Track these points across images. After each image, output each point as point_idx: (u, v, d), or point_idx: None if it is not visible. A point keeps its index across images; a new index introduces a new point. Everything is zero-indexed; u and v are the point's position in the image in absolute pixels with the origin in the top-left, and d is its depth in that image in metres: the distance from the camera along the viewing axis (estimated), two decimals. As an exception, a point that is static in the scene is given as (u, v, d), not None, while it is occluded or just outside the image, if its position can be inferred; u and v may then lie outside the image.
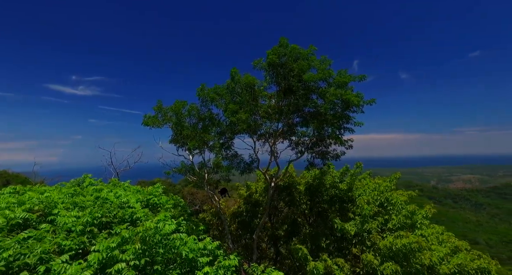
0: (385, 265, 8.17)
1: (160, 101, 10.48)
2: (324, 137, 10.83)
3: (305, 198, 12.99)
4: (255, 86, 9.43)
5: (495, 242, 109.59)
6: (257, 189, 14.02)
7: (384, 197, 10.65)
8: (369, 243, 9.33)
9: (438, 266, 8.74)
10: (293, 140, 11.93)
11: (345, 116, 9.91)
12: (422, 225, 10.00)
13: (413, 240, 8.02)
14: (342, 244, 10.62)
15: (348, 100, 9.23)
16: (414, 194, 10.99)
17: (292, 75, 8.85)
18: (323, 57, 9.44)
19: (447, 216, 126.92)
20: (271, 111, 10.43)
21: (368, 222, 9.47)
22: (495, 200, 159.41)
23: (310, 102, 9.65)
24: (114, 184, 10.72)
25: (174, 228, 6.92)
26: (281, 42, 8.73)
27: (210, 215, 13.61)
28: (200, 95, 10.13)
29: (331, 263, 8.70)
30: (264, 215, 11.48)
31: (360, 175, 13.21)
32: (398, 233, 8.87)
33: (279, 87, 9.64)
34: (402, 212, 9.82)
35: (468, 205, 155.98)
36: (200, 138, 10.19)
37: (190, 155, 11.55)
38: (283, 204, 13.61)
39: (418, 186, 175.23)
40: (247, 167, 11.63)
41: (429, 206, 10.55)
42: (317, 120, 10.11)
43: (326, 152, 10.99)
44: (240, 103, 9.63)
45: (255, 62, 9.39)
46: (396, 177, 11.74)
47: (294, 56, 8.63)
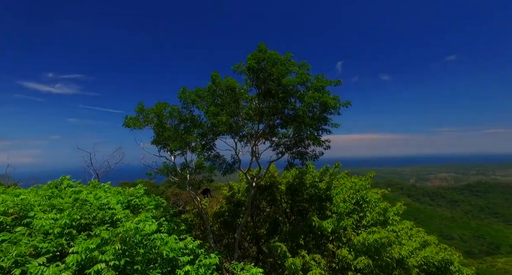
0: (358, 259, 8.65)
1: (141, 103, 10.53)
2: (303, 138, 11.24)
3: (286, 197, 13.38)
4: (236, 89, 9.68)
5: (468, 237, 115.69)
6: (239, 189, 14.26)
7: (359, 195, 11.18)
8: (344, 239, 9.80)
9: (407, 259, 9.35)
10: (274, 141, 12.27)
11: (323, 118, 10.35)
12: (393, 221, 10.59)
13: (384, 235, 8.55)
14: (320, 241, 11.08)
15: (326, 102, 9.68)
16: (387, 192, 11.61)
17: (271, 79, 9.19)
18: (302, 62, 9.84)
19: (425, 213, 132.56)
20: (252, 113, 10.70)
21: (344, 219, 9.94)
22: (468, 197, 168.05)
23: (289, 105, 10.01)
24: (94, 186, 10.61)
25: (155, 228, 7.04)
26: (260, 47, 9.05)
27: (192, 215, 13.70)
28: (181, 98, 10.27)
29: (309, 259, 9.10)
30: (246, 214, 11.75)
31: (338, 174, 13.75)
32: (371, 229, 9.40)
33: (259, 90, 9.96)
34: (376, 209, 10.38)
35: (444, 202, 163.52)
36: (182, 139, 10.30)
37: (172, 156, 11.62)
38: (265, 203, 13.93)
39: (398, 185, 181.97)
40: (229, 167, 11.84)
41: (399, 203, 11.20)
42: (296, 122, 10.50)
43: (304, 153, 11.40)
44: (221, 105, 9.85)
45: (235, 66, 9.66)
46: (371, 175, 12.34)
47: (272, 62, 8.97)
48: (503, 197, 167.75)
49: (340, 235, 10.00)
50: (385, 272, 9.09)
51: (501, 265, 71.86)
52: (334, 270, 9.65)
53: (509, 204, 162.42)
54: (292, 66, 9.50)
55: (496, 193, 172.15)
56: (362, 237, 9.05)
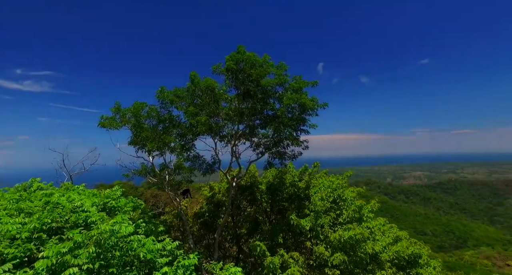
0: (334, 255, 8.96)
1: (118, 103, 10.24)
2: (282, 138, 11.45)
3: (267, 196, 13.53)
4: (215, 89, 9.70)
5: (439, 232, 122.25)
6: (220, 189, 14.24)
7: (336, 194, 11.55)
8: (322, 236, 10.10)
9: (380, 254, 9.81)
10: (254, 141, 12.39)
11: (301, 119, 10.62)
12: (368, 218, 11.05)
13: (358, 231, 8.92)
14: (299, 239, 11.32)
15: (304, 104, 9.94)
16: (363, 190, 12.07)
17: (250, 80, 9.31)
18: (280, 63, 10.04)
19: (400, 210, 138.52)
20: (232, 114, 10.76)
21: (321, 217, 10.24)
22: (440, 194, 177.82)
23: (268, 105, 10.18)
24: (67, 188, 10.19)
25: (131, 230, 6.90)
26: (238, 49, 9.14)
27: (172, 217, 13.51)
28: (159, 97, 10.13)
29: (287, 257, 9.30)
30: (226, 214, 11.77)
31: (317, 173, 14.10)
32: (347, 226, 9.76)
33: (238, 91, 10.04)
34: (351, 207, 10.79)
35: (418, 199, 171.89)
36: (160, 140, 10.15)
37: (150, 156, 11.41)
38: (245, 203, 14.01)
39: (376, 183, 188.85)
40: (209, 167, 11.81)
41: (374, 201, 11.69)
42: (275, 122, 10.69)
43: (284, 153, 11.61)
44: (201, 105, 9.84)
45: (214, 67, 9.68)
46: (347, 175, 12.78)
47: (250, 63, 9.09)
48: (470, 194, 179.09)
49: (317, 233, 10.28)
50: (360, 267, 9.49)
51: (468, 257, 76.69)
52: (311, 267, 9.93)
53: (475, 200, 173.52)
54: (270, 68, 9.68)
55: (464, 190, 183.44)
56: (338, 234, 9.38)
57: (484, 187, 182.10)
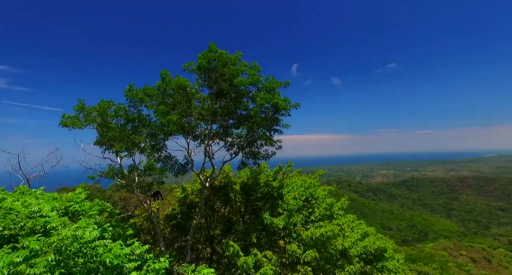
0: (306, 253, 9.18)
1: (82, 101, 9.60)
2: (256, 138, 11.51)
3: (241, 196, 13.52)
4: (187, 88, 9.48)
5: (404, 227, 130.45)
6: (193, 191, 13.96)
7: (308, 193, 11.85)
8: (294, 234, 10.29)
9: (349, 250, 10.23)
10: (228, 141, 12.33)
11: (274, 119, 10.75)
12: (338, 215, 11.47)
13: (329, 228, 9.22)
14: (272, 238, 11.45)
15: (277, 104, 10.08)
16: (333, 188, 12.52)
17: (223, 79, 9.24)
18: (254, 63, 10.09)
19: (369, 207, 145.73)
20: (205, 113, 10.61)
21: (294, 216, 10.44)
22: (404, 191, 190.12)
23: (242, 105, 10.19)
24: (22, 192, 9.38)
25: (96, 235, 6.54)
26: (210, 47, 9.01)
27: (142, 219, 12.98)
28: (128, 96, 9.66)
29: (260, 256, 9.35)
30: (199, 215, 11.57)
31: (291, 173, 14.36)
32: (318, 224, 10.04)
33: (211, 90, 9.92)
34: (323, 205, 11.12)
35: (385, 196, 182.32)
36: (129, 140, 9.70)
37: (118, 157, 10.87)
38: (219, 204, 13.87)
39: (347, 182, 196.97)
40: (181, 168, 11.54)
41: (343, 198, 12.16)
42: (248, 122, 10.72)
43: (257, 152, 11.68)
44: (172, 105, 9.57)
45: (186, 65, 9.46)
46: (319, 174, 13.16)
47: (223, 61, 9.01)
48: (430, 190, 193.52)
49: (290, 231, 10.47)
50: (330, 263, 9.82)
51: (428, 249, 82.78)
52: (284, 265, 10.08)
53: (435, 196, 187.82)
54: (244, 67, 9.68)
55: (425, 186, 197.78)
56: (310, 231, 9.62)
57: (442, 183, 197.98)
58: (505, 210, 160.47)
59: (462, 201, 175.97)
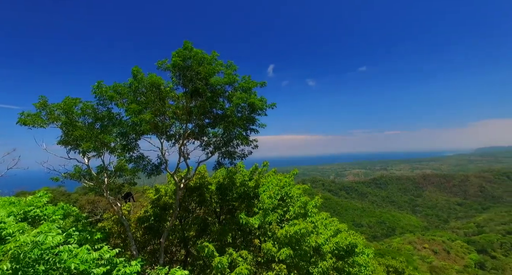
0: (281, 251, 9.30)
1: (44, 97, 8.90)
2: (232, 138, 11.47)
3: (216, 197, 13.39)
4: (161, 86, 9.20)
5: (374, 223, 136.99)
6: (166, 192, 13.58)
7: (284, 191, 12.04)
8: (270, 233, 10.40)
9: (322, 246, 10.54)
10: (204, 140, 12.16)
11: (251, 118, 10.78)
12: (312, 213, 11.77)
13: (303, 226, 9.43)
14: (248, 238, 11.47)
15: (253, 104, 10.12)
16: (308, 187, 12.81)
17: (199, 78, 9.07)
18: (229, 62, 10.03)
19: (341, 205, 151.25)
20: (180, 112, 10.37)
21: (269, 215, 10.54)
22: (374, 189, 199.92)
23: (218, 104, 10.11)
24: (-27, 197, 8.56)
25: (60, 240, 6.15)
26: (185, 45, 8.80)
27: (111, 223, 12.36)
28: (96, 93, 9.13)
29: (236, 256, 9.33)
30: (173, 217, 11.27)
31: (266, 172, 14.49)
32: (293, 222, 10.24)
33: (186, 89, 9.71)
34: (297, 203, 11.35)
35: (356, 194, 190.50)
36: (97, 139, 9.19)
37: (86, 158, 10.27)
38: (194, 205, 13.63)
39: (321, 181, 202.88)
40: (155, 169, 11.17)
41: (317, 196, 12.50)
42: (224, 121, 10.65)
43: (233, 152, 11.64)
44: (145, 103, 9.23)
45: (159, 62, 9.15)
46: (294, 173, 13.41)
47: (198, 60, 8.85)
48: (397, 188, 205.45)
49: (266, 230, 10.56)
50: (304, 260, 10.04)
51: (395, 244, 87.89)
52: (260, 264, 10.15)
53: (401, 193, 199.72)
54: (220, 66, 9.59)
55: (393, 184, 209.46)
56: (285, 229, 9.77)
57: (408, 181, 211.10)
58: (462, 205, 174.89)
59: (425, 197, 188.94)
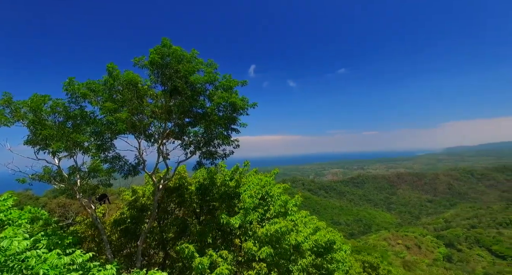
0: (262, 249, 9.33)
1: (8, 94, 8.26)
2: (213, 137, 11.36)
3: (196, 197, 13.19)
4: (138, 84, 8.89)
5: (351, 221, 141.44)
6: (144, 193, 13.17)
7: (264, 191, 12.10)
8: (250, 232, 10.40)
9: (302, 244, 10.71)
10: (184, 140, 11.94)
11: (232, 117, 10.72)
12: (292, 211, 11.92)
13: (283, 224, 9.53)
14: (229, 238, 11.40)
15: (235, 103, 10.07)
16: (288, 186, 12.97)
17: (178, 76, 8.86)
18: (210, 61, 9.90)
19: (321, 204, 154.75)
20: (159, 111, 10.10)
21: (250, 214, 10.54)
22: (352, 188, 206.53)
23: (198, 103, 9.96)
24: None
25: (27, 246, 5.76)
26: (163, 42, 8.55)
27: (84, 226, 11.78)
28: (68, 90, 8.62)
29: (216, 256, 9.24)
30: (151, 218, 10.95)
31: (247, 172, 14.48)
32: (273, 221, 10.31)
33: (165, 87, 9.46)
34: (278, 202, 11.46)
35: (335, 193, 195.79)
36: (69, 139, 8.71)
37: (56, 158, 9.71)
38: (173, 206, 13.33)
39: (301, 180, 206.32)
40: (132, 169, 10.81)
41: (297, 195, 12.69)
42: (205, 121, 10.52)
43: (214, 152, 11.53)
44: (121, 101, 8.88)
45: (136, 59, 8.82)
46: (275, 172, 13.53)
47: (177, 58, 8.66)
48: (373, 186, 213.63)
49: (246, 229, 10.55)
50: (284, 258, 10.16)
51: (371, 241, 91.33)
52: (240, 263, 10.12)
53: (377, 191, 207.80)
54: (200, 64, 9.43)
55: (369, 183, 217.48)
56: (266, 228, 9.81)
57: (383, 180, 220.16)
58: (432, 202, 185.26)
59: (399, 195, 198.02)
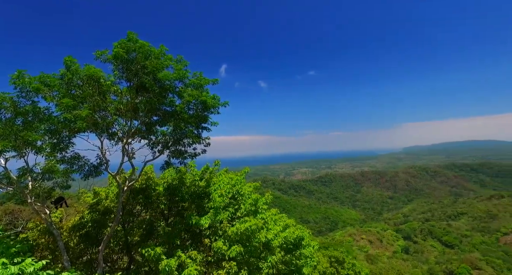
0: (231, 248, 9.29)
1: None
2: (183, 136, 11.08)
3: (164, 198, 12.76)
4: (100, 79, 8.33)
5: (319, 219, 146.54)
6: (108, 195, 12.42)
7: (235, 190, 12.05)
8: (220, 232, 10.30)
9: (272, 241, 10.85)
10: (152, 139, 11.51)
11: (203, 116, 10.54)
12: (262, 210, 12.04)
13: (253, 222, 9.58)
14: (198, 238, 11.19)
15: (205, 101, 9.91)
16: (258, 184, 13.07)
17: (145, 72, 8.47)
18: (180, 57, 9.63)
19: (290, 203, 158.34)
20: (124, 108, 9.60)
21: (220, 213, 10.45)
22: (320, 187, 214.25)
23: (167, 101, 9.65)
24: None
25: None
26: (129, 36, 8.06)
27: (37, 233, 10.75)
28: (17, 84, 7.77)
29: (185, 257, 9.01)
30: (115, 222, 10.35)
31: (218, 172, 14.34)
32: (244, 219, 10.32)
33: (130, 83, 8.99)
34: (248, 200, 11.49)
35: (304, 192, 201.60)
36: (18, 137, 7.89)
37: (1, 158, 8.75)
38: (139, 208, 12.74)
39: (271, 180, 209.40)
40: (93, 169, 10.13)
41: (267, 193, 12.84)
42: (174, 119, 10.22)
43: (184, 151, 11.25)
44: (81, 97, 8.26)
45: (98, 53, 8.22)
46: (245, 171, 13.54)
47: (144, 54, 8.26)
48: (340, 185, 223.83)
49: (216, 229, 10.43)
50: (254, 256, 10.22)
51: (338, 237, 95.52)
52: (210, 263, 9.98)
53: (343, 189, 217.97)
54: (169, 61, 9.12)
55: (336, 182, 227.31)
56: (236, 227, 9.79)
57: (349, 178, 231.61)
58: (392, 198, 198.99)
59: (363, 192, 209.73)
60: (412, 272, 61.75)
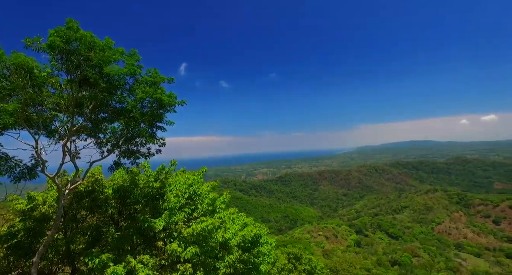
0: (187, 250, 8.99)
1: None
2: (135, 135, 10.44)
3: (114, 201, 11.87)
4: (34, 69, 7.38)
5: (279, 218, 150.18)
6: (46, 200, 11.10)
7: (192, 190, 11.70)
8: (176, 233, 9.90)
9: (229, 241, 10.77)
10: (101, 137, 10.63)
11: (158, 115, 10.03)
12: (220, 209, 11.88)
13: (210, 222, 9.39)
14: (151, 242, 10.61)
15: (161, 99, 9.44)
16: (217, 184, 12.88)
17: (89, 65, 7.71)
18: (133, 51, 9.04)
19: (251, 203, 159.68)
20: (64, 103, 8.69)
21: (176, 214, 10.05)
22: (280, 187, 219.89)
23: (116, 97, 8.98)
24: None
25: None
26: (68, 24, 7.14)
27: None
28: None
29: (135, 262, 8.47)
30: (54, 229, 9.30)
31: (175, 172, 13.80)
32: (200, 219, 10.06)
33: (71, 76, 8.11)
34: (206, 200, 11.25)
35: (265, 192, 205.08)
36: None
37: None
38: (84, 212, 11.65)
39: (233, 181, 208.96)
40: (27, 171, 8.96)
41: (225, 192, 12.73)
42: (125, 117, 9.58)
43: (136, 151, 10.62)
44: (10, 89, 7.23)
45: (29, 40, 7.12)
46: (203, 170, 13.25)
47: (87, 45, 7.50)
48: (299, 184, 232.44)
49: (171, 231, 10.02)
50: (211, 256, 10.03)
51: (297, 234, 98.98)
52: (163, 267, 9.54)
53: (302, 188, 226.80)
54: (119, 55, 8.46)
55: (296, 181, 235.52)
56: (192, 228, 9.49)
57: (308, 177, 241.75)
58: (346, 195, 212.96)
59: (320, 191, 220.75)
60: (363, 264, 66.62)
